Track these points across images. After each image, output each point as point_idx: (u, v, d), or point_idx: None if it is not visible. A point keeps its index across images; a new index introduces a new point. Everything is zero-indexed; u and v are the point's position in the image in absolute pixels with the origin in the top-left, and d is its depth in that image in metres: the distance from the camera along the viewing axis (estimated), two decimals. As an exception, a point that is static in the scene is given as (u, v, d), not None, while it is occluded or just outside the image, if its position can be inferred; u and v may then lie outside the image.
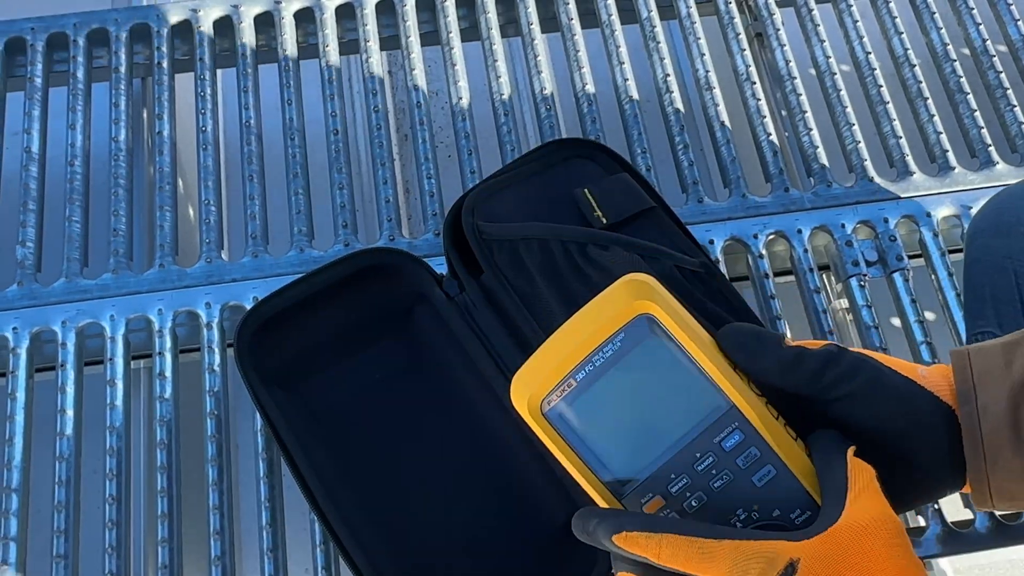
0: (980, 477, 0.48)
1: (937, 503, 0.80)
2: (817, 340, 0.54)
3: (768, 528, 0.48)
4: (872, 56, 1.03)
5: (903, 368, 0.50)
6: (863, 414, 0.49)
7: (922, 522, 0.81)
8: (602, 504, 0.50)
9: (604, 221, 0.78)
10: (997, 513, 0.80)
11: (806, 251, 0.91)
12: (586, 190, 0.79)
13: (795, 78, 1.01)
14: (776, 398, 0.51)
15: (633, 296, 0.52)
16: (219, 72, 1.04)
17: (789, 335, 0.54)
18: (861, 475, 0.47)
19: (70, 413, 0.84)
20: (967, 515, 0.81)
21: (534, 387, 0.52)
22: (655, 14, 1.05)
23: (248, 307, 0.86)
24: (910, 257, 0.91)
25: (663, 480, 0.51)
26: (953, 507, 0.82)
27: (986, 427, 0.47)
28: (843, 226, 0.92)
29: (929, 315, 0.93)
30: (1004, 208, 0.75)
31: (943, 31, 1.05)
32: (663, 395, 0.51)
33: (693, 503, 0.50)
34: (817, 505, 0.48)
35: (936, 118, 0.99)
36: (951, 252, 0.91)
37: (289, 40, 1.04)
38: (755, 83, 1.00)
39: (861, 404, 0.49)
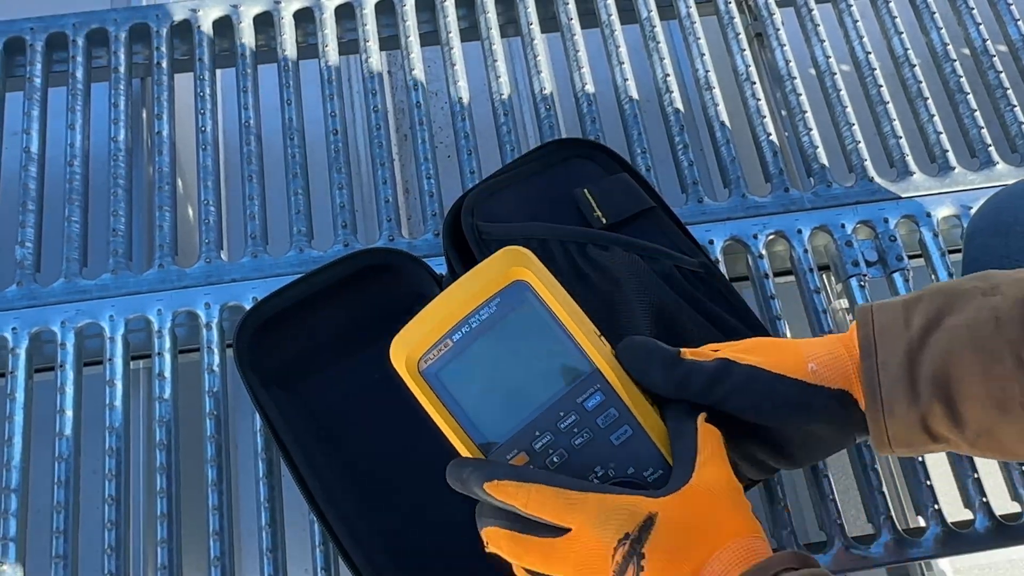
0: (879, 427, 0.52)
1: (937, 503, 0.80)
2: (720, 345, 0.56)
3: (623, 485, 0.52)
4: (872, 56, 1.03)
5: (792, 368, 0.53)
6: (757, 420, 0.54)
7: (922, 522, 0.81)
8: (464, 453, 0.55)
9: (604, 221, 0.78)
10: (997, 513, 0.80)
11: (806, 251, 0.91)
12: (586, 190, 0.79)
13: (795, 78, 1.01)
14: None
15: (510, 264, 0.56)
16: (218, 72, 1.04)
17: (685, 349, 0.55)
18: (709, 441, 0.52)
19: (69, 413, 0.84)
20: (967, 515, 0.81)
21: (412, 346, 0.55)
22: (655, 14, 1.05)
23: (247, 307, 0.86)
24: (910, 257, 0.91)
25: (528, 437, 0.54)
26: (953, 507, 0.82)
27: (884, 380, 0.51)
28: (843, 226, 0.92)
29: (929, 315, 0.93)
30: (1003, 207, 0.75)
31: (943, 31, 1.04)
32: (533, 357, 0.55)
33: (555, 459, 0.54)
34: (668, 465, 0.53)
35: (936, 118, 0.99)
36: (951, 252, 0.91)
37: (289, 40, 1.04)
38: (755, 83, 1.00)
39: (754, 415, 0.54)
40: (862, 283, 0.89)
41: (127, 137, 0.99)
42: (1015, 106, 0.99)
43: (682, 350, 0.55)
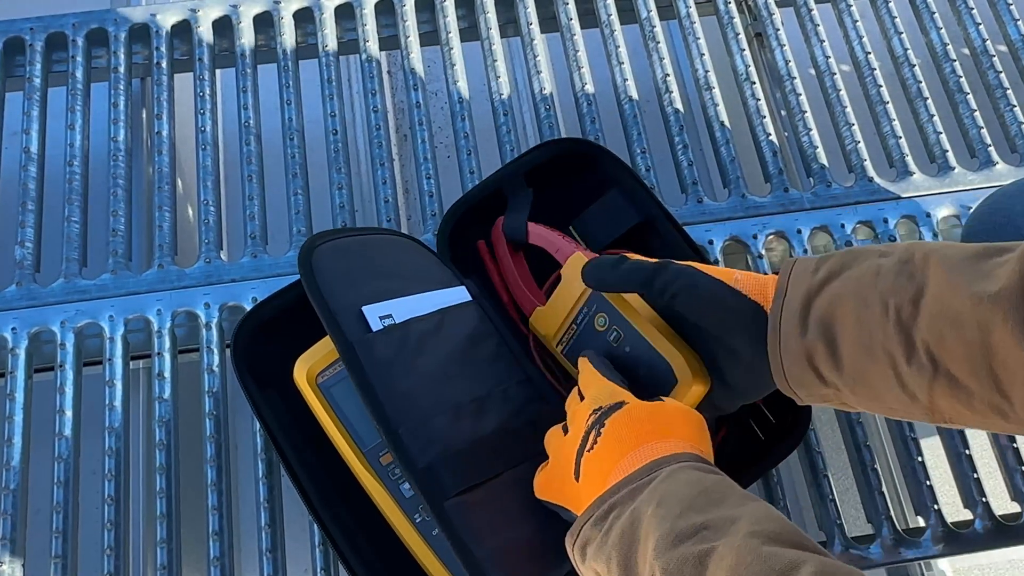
0: (776, 359, 0.60)
1: (937, 504, 0.80)
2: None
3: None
4: (872, 56, 1.03)
5: (718, 272, 0.63)
6: (687, 310, 0.63)
7: (922, 523, 0.81)
8: (351, 457, 0.70)
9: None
10: (997, 514, 0.80)
11: (806, 251, 0.91)
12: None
13: (795, 78, 1.01)
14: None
15: None
16: (218, 72, 1.04)
17: (631, 254, 0.68)
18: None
19: (69, 413, 0.84)
20: (967, 516, 0.81)
21: (312, 363, 0.72)
22: (655, 14, 1.05)
23: (247, 307, 0.86)
24: (910, 257, 0.91)
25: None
26: (953, 508, 0.82)
27: (784, 317, 0.59)
28: (843, 226, 0.92)
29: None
30: (996, 208, 0.75)
31: (943, 31, 1.04)
32: None
33: None
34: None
35: (936, 118, 0.99)
36: (951, 252, 0.91)
37: (288, 40, 1.04)
38: (755, 83, 1.00)
39: (684, 302, 0.63)
40: (862, 283, 0.89)
41: (127, 137, 0.98)
42: (1015, 106, 0.99)
43: (627, 254, 0.68)
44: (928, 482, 0.81)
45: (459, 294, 0.76)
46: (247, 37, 1.04)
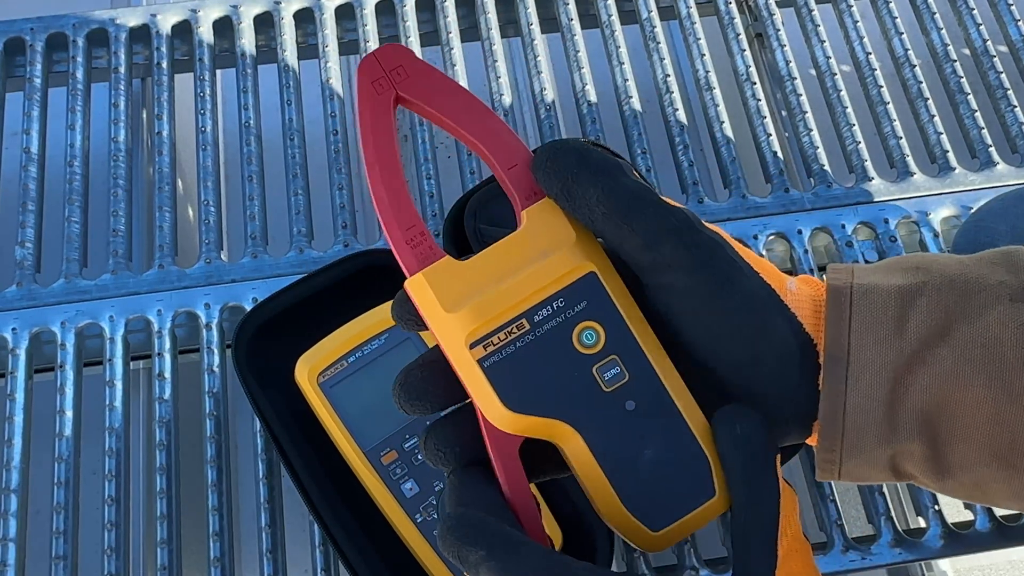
0: (831, 457, 0.39)
1: (937, 504, 0.80)
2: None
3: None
4: (872, 56, 1.02)
5: (770, 274, 0.38)
6: (698, 318, 0.37)
7: (922, 523, 0.81)
8: (352, 457, 0.70)
9: None
10: (998, 514, 0.80)
11: (806, 252, 0.91)
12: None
13: (795, 78, 1.01)
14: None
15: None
16: (219, 72, 1.04)
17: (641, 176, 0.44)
18: (790, 524, 0.37)
19: (69, 414, 0.84)
20: (967, 516, 0.81)
21: (313, 362, 0.72)
22: (655, 14, 1.04)
23: (248, 308, 0.86)
24: (911, 258, 0.91)
25: (399, 439, 0.71)
26: (953, 508, 0.82)
27: (853, 400, 0.37)
28: (843, 227, 0.92)
29: (929, 316, 0.93)
30: (981, 227, 0.74)
31: (943, 31, 1.04)
32: None
33: (420, 457, 0.65)
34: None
35: (936, 119, 0.99)
36: (952, 253, 0.91)
37: (289, 40, 1.04)
38: (755, 83, 1.00)
39: (698, 303, 0.37)
40: (862, 284, 0.89)
41: (127, 137, 0.98)
42: (1016, 107, 0.99)
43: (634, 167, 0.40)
44: (929, 483, 0.81)
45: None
46: (248, 37, 1.04)
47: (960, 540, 0.79)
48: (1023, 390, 0.36)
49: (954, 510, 0.82)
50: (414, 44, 1.03)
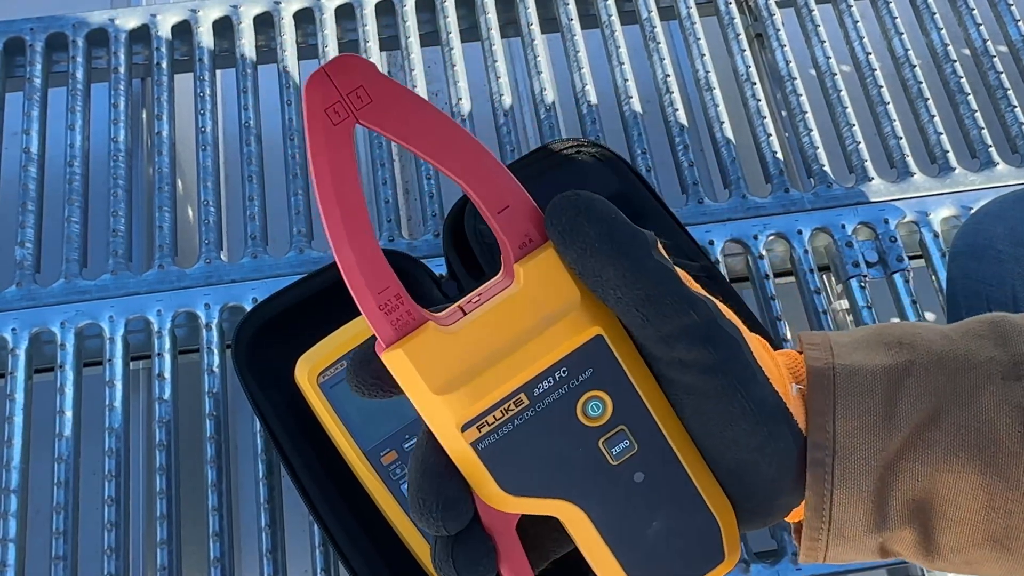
0: (817, 545, 0.37)
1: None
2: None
3: None
4: (872, 57, 1.02)
5: (776, 376, 0.36)
6: (704, 417, 0.35)
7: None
8: (352, 457, 0.70)
9: None
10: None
11: (806, 252, 0.91)
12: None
13: (795, 78, 1.01)
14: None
15: None
16: (218, 72, 1.04)
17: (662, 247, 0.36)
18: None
19: (69, 414, 0.84)
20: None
21: (313, 363, 0.71)
22: (655, 15, 1.04)
23: (247, 308, 0.86)
24: (911, 258, 0.91)
25: (399, 439, 0.70)
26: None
27: (841, 493, 0.35)
28: (843, 227, 0.92)
29: (929, 316, 0.93)
30: (979, 230, 0.74)
31: (943, 31, 1.04)
32: None
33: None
34: None
35: (937, 119, 0.99)
36: (952, 253, 0.91)
37: (289, 41, 1.04)
38: (755, 84, 1.00)
39: (708, 404, 0.35)
40: (863, 284, 0.89)
41: (127, 137, 0.98)
42: (1016, 107, 0.99)
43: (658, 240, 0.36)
44: (929, 483, 0.81)
45: None
46: (247, 38, 1.04)
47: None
48: (1019, 475, 0.34)
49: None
50: (414, 44, 1.03)
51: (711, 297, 0.36)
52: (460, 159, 0.33)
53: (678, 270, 0.35)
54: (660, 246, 0.35)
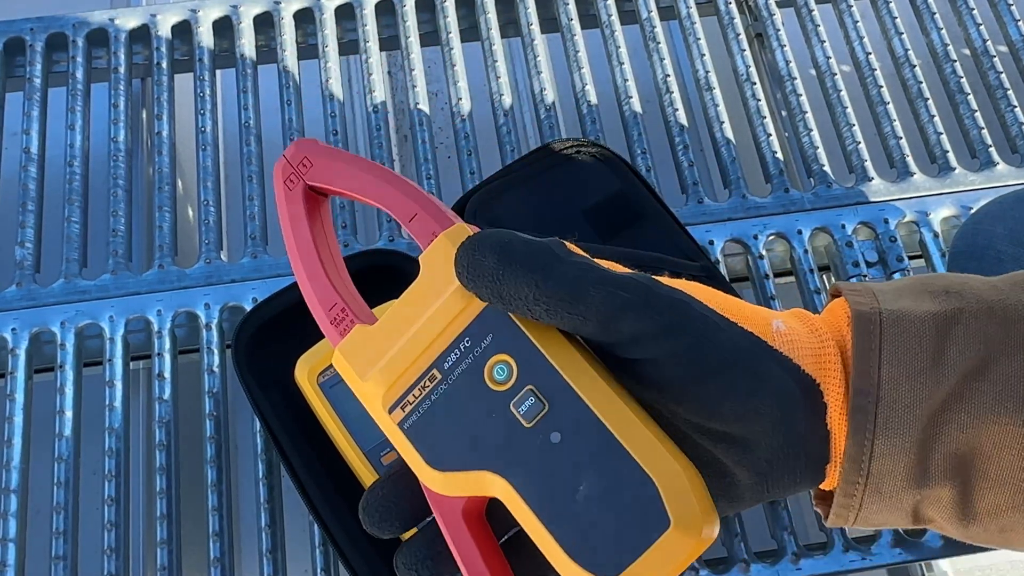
0: (850, 503, 0.35)
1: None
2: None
3: None
4: (872, 56, 1.02)
5: (751, 319, 0.34)
6: (686, 385, 0.33)
7: (923, 523, 0.81)
8: (352, 457, 0.69)
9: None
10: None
11: (806, 252, 0.91)
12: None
13: (795, 78, 1.01)
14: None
15: None
16: (218, 72, 1.04)
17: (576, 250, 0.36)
18: None
19: (69, 414, 0.84)
20: (968, 516, 0.81)
21: (313, 363, 0.71)
22: (655, 15, 1.04)
23: (247, 308, 0.86)
24: (910, 258, 0.91)
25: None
26: (954, 508, 0.82)
27: (883, 442, 0.34)
28: (843, 227, 0.92)
29: (929, 316, 0.93)
30: (979, 230, 0.73)
31: (943, 31, 1.04)
32: None
33: None
34: None
35: (936, 119, 0.99)
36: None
37: (289, 40, 1.04)
38: (755, 83, 1.00)
39: (680, 370, 0.33)
40: (862, 284, 0.89)
41: (127, 137, 0.98)
42: (1015, 106, 0.99)
43: (569, 245, 0.35)
44: (929, 483, 0.81)
45: None
46: (247, 37, 1.04)
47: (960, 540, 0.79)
48: None
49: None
50: (414, 44, 1.03)
51: (643, 274, 0.35)
52: (375, 188, 0.38)
53: (599, 260, 0.35)
54: (569, 245, 0.35)
